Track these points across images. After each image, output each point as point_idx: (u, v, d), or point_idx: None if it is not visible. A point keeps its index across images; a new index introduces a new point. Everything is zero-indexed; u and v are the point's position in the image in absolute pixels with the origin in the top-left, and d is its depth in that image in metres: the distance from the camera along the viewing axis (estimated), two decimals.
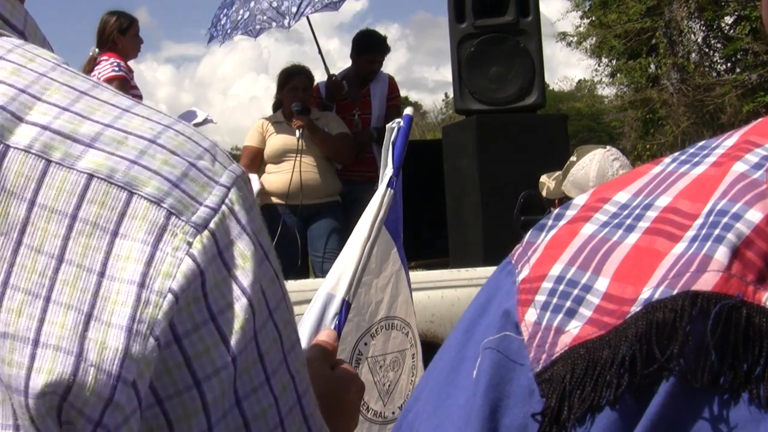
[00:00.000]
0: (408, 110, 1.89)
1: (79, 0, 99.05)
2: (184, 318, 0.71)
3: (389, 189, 1.87)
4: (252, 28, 7.49)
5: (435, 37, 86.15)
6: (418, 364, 1.91)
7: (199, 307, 0.72)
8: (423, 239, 7.29)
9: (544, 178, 4.26)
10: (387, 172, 1.87)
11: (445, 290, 5.46)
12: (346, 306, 1.64)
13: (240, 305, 0.73)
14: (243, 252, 0.74)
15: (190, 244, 0.72)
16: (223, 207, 0.75)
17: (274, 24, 7.30)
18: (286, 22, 7.15)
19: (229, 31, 7.48)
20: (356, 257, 1.72)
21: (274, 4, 7.21)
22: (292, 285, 5.45)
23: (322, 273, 6.69)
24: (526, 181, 5.91)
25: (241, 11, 7.39)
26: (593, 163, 3.84)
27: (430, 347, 4.89)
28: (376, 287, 1.89)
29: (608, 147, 4.02)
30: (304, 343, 1.52)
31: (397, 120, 1.90)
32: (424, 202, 7.26)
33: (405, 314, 1.87)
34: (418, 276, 5.77)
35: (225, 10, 7.60)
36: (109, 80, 6.39)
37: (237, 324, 0.73)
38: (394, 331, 1.91)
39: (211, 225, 0.73)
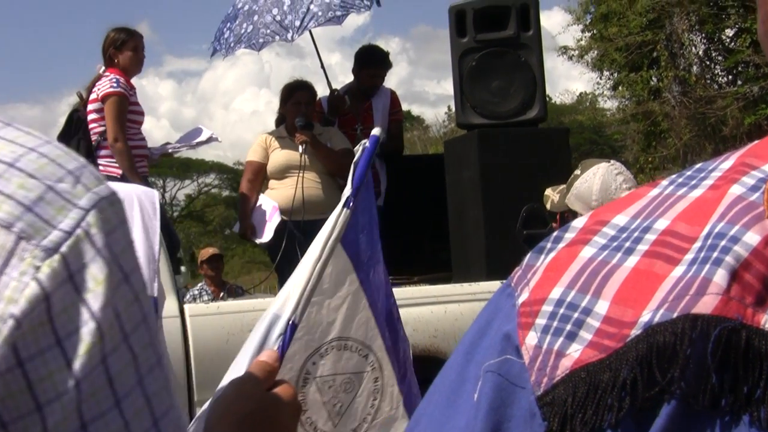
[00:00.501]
0: (375, 131, 1.88)
1: (87, 16, 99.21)
2: (29, 342, 0.70)
3: (345, 209, 1.81)
4: (255, 42, 7.51)
5: (435, 51, 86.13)
6: (387, 389, 1.87)
7: (45, 331, 0.71)
8: (425, 253, 7.29)
9: (548, 192, 4.26)
10: (345, 191, 1.83)
11: (448, 305, 5.46)
12: (291, 327, 1.62)
13: (88, 329, 0.72)
14: (96, 275, 0.74)
15: (37, 269, 0.71)
16: (78, 230, 0.74)
17: (277, 37, 7.32)
18: (289, 35, 7.17)
19: (232, 44, 7.50)
20: (305, 277, 1.68)
21: (278, 18, 7.23)
22: None
23: None
24: (528, 195, 5.92)
25: (245, 25, 7.42)
26: (596, 176, 3.85)
27: (433, 362, 4.91)
28: (328, 307, 1.87)
29: (612, 161, 4.02)
30: (246, 362, 1.52)
31: (364, 141, 1.87)
32: (427, 216, 7.27)
33: (364, 336, 1.83)
34: (420, 291, 5.78)
35: (228, 24, 7.62)
36: (107, 96, 6.40)
37: (83, 348, 0.72)
38: (348, 353, 1.88)
39: (63, 248, 0.72)
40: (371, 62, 7.55)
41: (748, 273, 0.65)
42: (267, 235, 6.79)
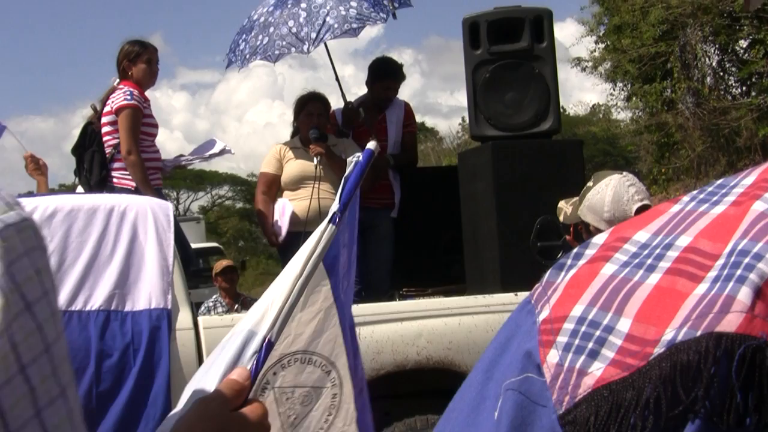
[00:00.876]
0: (370, 144, 1.82)
1: (101, 29, 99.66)
2: None
3: (330, 225, 1.73)
4: (271, 54, 7.52)
5: (448, 62, 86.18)
6: (343, 406, 1.84)
7: None
8: (439, 265, 7.29)
9: (561, 204, 4.26)
10: (333, 206, 1.76)
11: (462, 317, 5.44)
12: (267, 345, 1.57)
13: None
14: None
15: None
16: None
17: (293, 49, 7.33)
18: (305, 47, 7.19)
19: (247, 56, 7.52)
20: (284, 294, 1.63)
21: (294, 30, 7.24)
22: None
23: None
24: (542, 207, 5.91)
25: (260, 36, 7.43)
26: (609, 188, 3.84)
27: (447, 374, 4.89)
28: (299, 321, 1.84)
29: (624, 173, 4.02)
30: (216, 379, 1.49)
31: (357, 154, 1.81)
32: (441, 229, 7.26)
33: (329, 353, 1.81)
34: (434, 303, 5.77)
35: (244, 36, 7.64)
36: (120, 108, 6.42)
37: None
38: (311, 367, 1.85)
39: None
40: (385, 74, 7.56)
41: None
42: (283, 231, 6.83)
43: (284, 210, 6.89)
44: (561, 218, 4.23)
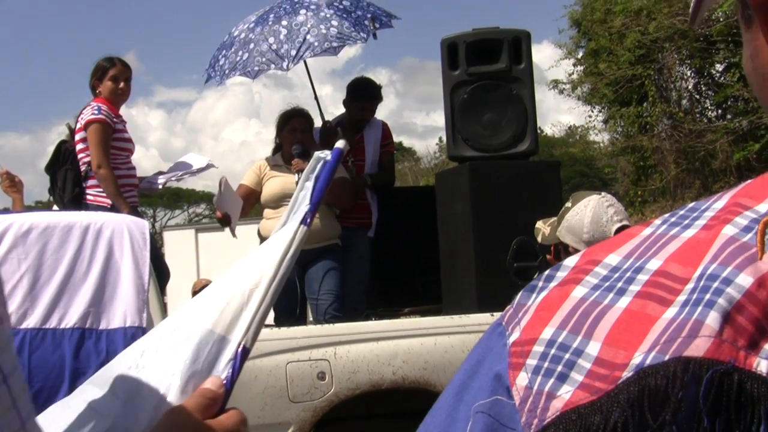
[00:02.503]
0: (339, 143, 1.76)
1: (76, 47, 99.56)
2: None
3: (302, 226, 1.65)
4: (250, 70, 7.53)
5: (423, 83, 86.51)
6: None
7: None
8: (416, 285, 7.29)
9: (539, 224, 4.26)
10: (302, 207, 1.67)
11: (438, 337, 5.44)
12: (243, 351, 1.53)
13: None
14: None
15: None
16: None
17: (272, 66, 7.34)
18: (284, 64, 7.20)
19: (227, 71, 7.53)
20: (258, 298, 1.54)
21: (274, 47, 7.25)
22: (288, 332, 5.43)
23: (321, 316, 6.67)
24: (519, 228, 5.92)
25: (240, 52, 7.45)
26: (588, 209, 3.85)
27: (422, 395, 4.88)
28: None
29: (603, 193, 4.03)
30: (179, 382, 1.44)
31: (326, 152, 1.72)
32: (418, 249, 7.26)
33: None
34: (410, 323, 5.76)
35: (224, 51, 7.65)
36: (88, 123, 6.42)
37: None
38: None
39: None
40: (362, 95, 7.57)
41: (740, 315, 0.64)
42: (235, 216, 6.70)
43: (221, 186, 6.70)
44: (539, 239, 4.23)
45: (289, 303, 6.65)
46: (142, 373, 1.50)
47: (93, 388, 1.53)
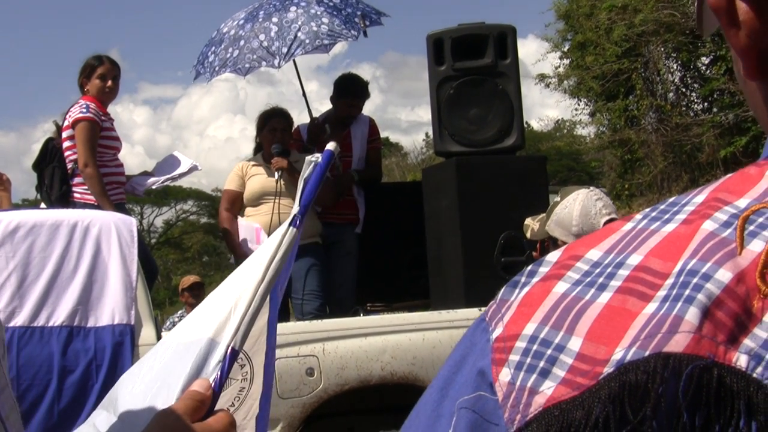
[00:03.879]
0: (330, 145, 1.77)
1: (60, 44, 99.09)
2: None
3: (291, 228, 1.68)
4: (241, 67, 7.53)
5: (406, 78, 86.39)
6: (248, 401, 1.80)
7: None
8: (403, 280, 7.29)
9: (528, 221, 4.27)
10: (293, 209, 1.71)
11: (426, 332, 5.45)
12: (232, 353, 1.50)
13: None
14: None
15: None
16: None
17: (263, 63, 7.34)
18: (276, 62, 7.18)
19: (217, 68, 7.50)
20: (246, 300, 1.56)
21: (265, 44, 7.24)
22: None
23: (303, 315, 6.68)
24: (506, 223, 5.93)
25: (230, 49, 7.43)
26: (576, 202, 3.86)
27: (410, 390, 4.88)
28: None
29: (592, 187, 4.03)
30: (176, 391, 1.45)
31: (316, 155, 1.76)
32: (405, 244, 7.27)
33: (249, 348, 1.75)
34: (398, 318, 5.77)
35: (213, 48, 7.63)
36: (76, 121, 6.41)
37: None
38: None
39: None
40: (349, 92, 7.57)
41: (719, 311, 0.65)
42: None
43: (259, 237, 6.84)
44: (528, 235, 4.24)
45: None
46: (140, 393, 1.52)
47: (102, 412, 1.57)
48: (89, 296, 4.66)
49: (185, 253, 49.33)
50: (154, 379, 1.54)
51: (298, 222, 1.69)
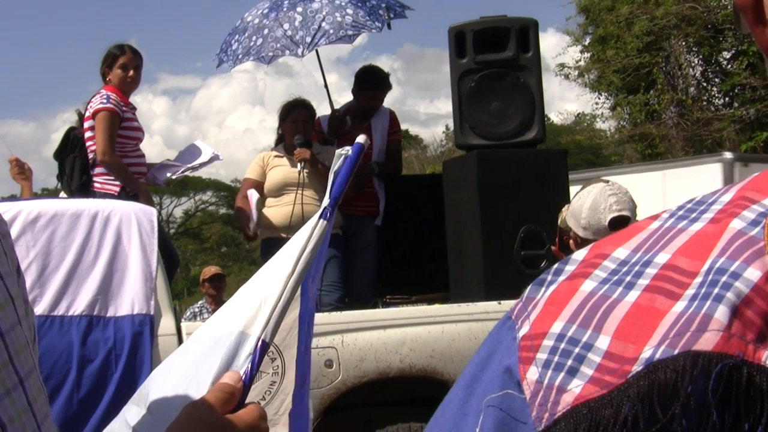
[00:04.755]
0: (360, 138, 1.76)
1: (80, 34, 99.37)
2: None
3: (321, 220, 1.66)
4: (265, 55, 7.53)
5: (424, 70, 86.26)
6: (279, 396, 1.78)
7: None
8: (423, 273, 7.29)
9: (564, 208, 4.26)
10: (323, 202, 1.70)
11: (446, 325, 5.45)
12: (262, 345, 1.49)
13: None
14: None
15: None
16: None
17: (287, 52, 7.34)
18: (299, 51, 7.18)
19: (240, 56, 7.51)
20: (277, 293, 1.56)
21: (289, 33, 7.24)
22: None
23: (322, 306, 6.68)
24: (526, 216, 5.93)
25: (254, 38, 7.42)
26: (590, 195, 3.86)
27: (429, 382, 4.88)
28: None
29: (612, 182, 4.02)
30: (207, 385, 1.45)
31: (347, 148, 1.76)
32: (425, 237, 7.27)
33: (281, 342, 1.75)
34: (417, 311, 5.77)
35: (237, 36, 7.63)
36: (96, 112, 6.43)
37: None
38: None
39: None
40: (371, 84, 7.56)
41: (749, 309, 0.65)
42: (254, 216, 6.80)
43: (251, 198, 6.84)
44: (558, 222, 4.23)
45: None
46: (171, 387, 1.53)
47: (133, 407, 1.58)
48: (109, 286, 4.68)
49: (204, 244, 49.48)
50: (186, 373, 1.54)
51: (328, 214, 1.68)
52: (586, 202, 3.84)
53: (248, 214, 6.84)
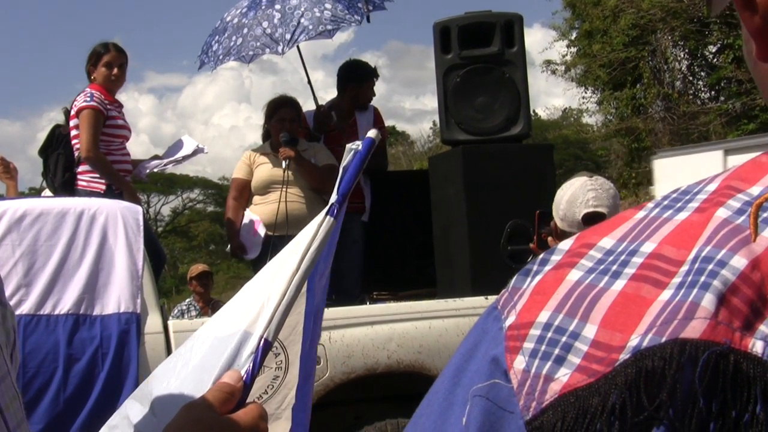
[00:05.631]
0: (371, 133, 1.71)
1: (65, 33, 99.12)
2: None
3: (328, 217, 1.61)
4: (245, 54, 7.52)
5: (410, 66, 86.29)
6: (282, 390, 1.77)
7: None
8: (410, 269, 7.29)
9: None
10: (331, 198, 1.64)
11: (433, 321, 5.45)
12: (264, 345, 1.47)
13: None
14: None
15: None
16: None
17: (267, 50, 7.33)
18: (279, 48, 7.18)
19: (221, 56, 7.51)
20: (280, 292, 1.52)
21: (268, 31, 7.23)
22: None
23: None
24: (513, 211, 5.93)
25: (234, 37, 7.42)
26: (571, 187, 3.86)
27: (417, 378, 4.88)
28: None
29: (595, 176, 4.01)
30: (209, 385, 1.43)
31: (357, 142, 1.69)
32: (411, 233, 7.27)
33: (285, 337, 1.72)
34: (404, 306, 5.77)
35: (216, 37, 7.63)
36: (80, 110, 6.42)
37: None
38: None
39: None
40: (353, 78, 7.56)
41: (735, 297, 0.65)
42: (255, 251, 6.81)
43: (256, 229, 6.85)
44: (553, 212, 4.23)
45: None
46: (175, 388, 1.51)
47: (136, 404, 1.56)
48: (95, 284, 4.67)
49: (192, 242, 49.40)
50: (190, 374, 1.52)
51: (335, 211, 1.62)
52: (566, 193, 3.85)
53: (242, 242, 6.85)
